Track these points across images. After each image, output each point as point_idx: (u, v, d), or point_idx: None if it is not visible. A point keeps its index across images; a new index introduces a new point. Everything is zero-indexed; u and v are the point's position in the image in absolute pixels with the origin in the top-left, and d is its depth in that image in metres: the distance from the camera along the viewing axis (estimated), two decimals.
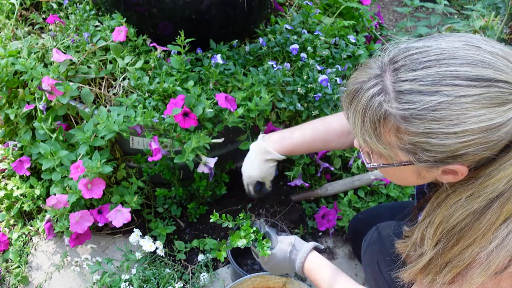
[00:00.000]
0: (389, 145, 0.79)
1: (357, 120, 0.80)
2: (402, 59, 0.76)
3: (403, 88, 0.73)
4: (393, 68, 0.76)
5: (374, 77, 0.78)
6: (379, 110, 0.76)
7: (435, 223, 0.84)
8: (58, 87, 1.51)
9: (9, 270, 1.62)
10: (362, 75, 0.80)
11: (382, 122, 0.76)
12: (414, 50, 0.76)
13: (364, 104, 0.78)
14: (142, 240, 1.57)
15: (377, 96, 0.76)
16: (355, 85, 0.80)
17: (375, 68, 0.79)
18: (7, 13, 1.86)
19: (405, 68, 0.74)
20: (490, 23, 2.53)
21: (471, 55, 0.73)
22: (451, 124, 0.71)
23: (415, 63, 0.74)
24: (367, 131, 0.79)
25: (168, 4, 1.54)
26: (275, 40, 1.72)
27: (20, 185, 1.69)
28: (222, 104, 1.48)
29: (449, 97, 0.70)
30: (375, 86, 0.77)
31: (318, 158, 1.77)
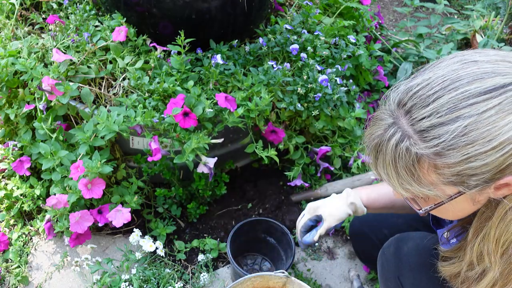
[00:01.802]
0: (433, 185, 0.77)
1: (390, 172, 0.79)
2: (408, 100, 0.75)
3: (424, 127, 0.72)
4: (404, 112, 0.75)
5: (389, 126, 0.76)
6: (409, 155, 0.74)
7: (493, 238, 0.81)
8: (58, 87, 1.51)
9: (9, 270, 1.62)
10: (377, 129, 0.79)
11: (417, 166, 0.75)
12: (416, 87, 0.75)
13: (391, 155, 0.76)
14: (142, 240, 1.58)
15: (402, 143, 0.74)
16: (374, 140, 0.79)
17: (387, 118, 0.77)
18: (7, 13, 1.86)
19: (416, 107, 0.73)
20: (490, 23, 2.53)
21: (473, 71, 0.72)
22: (486, 141, 0.70)
23: (423, 98, 0.73)
24: (405, 179, 0.77)
25: (168, 4, 1.54)
26: (275, 40, 1.72)
27: (20, 185, 1.69)
28: (222, 104, 1.48)
29: (472, 117, 0.69)
30: (395, 134, 0.75)
31: (318, 158, 1.77)
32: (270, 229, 1.61)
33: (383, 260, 1.24)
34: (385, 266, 1.23)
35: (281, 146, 1.69)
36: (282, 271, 1.31)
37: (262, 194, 1.88)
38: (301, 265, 1.69)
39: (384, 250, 1.25)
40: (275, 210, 1.83)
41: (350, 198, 1.27)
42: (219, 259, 1.69)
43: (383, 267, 1.24)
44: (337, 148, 1.79)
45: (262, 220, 1.60)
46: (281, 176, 1.90)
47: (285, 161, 1.88)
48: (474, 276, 0.87)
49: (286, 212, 1.82)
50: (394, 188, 0.82)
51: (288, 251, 1.54)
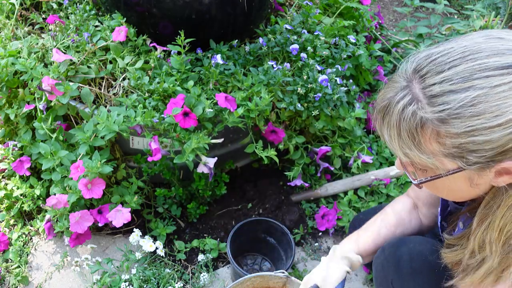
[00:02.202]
0: (433, 154, 0.76)
1: (393, 134, 0.78)
2: (426, 66, 0.75)
3: (434, 92, 0.72)
4: (419, 76, 0.75)
5: (401, 89, 0.76)
6: (414, 119, 0.74)
7: (497, 227, 0.81)
8: (58, 87, 1.51)
9: (9, 270, 1.62)
10: (389, 91, 0.79)
11: (419, 130, 0.74)
12: (436, 55, 0.75)
13: (397, 117, 0.76)
14: (142, 240, 1.58)
15: (409, 106, 0.74)
16: (384, 102, 0.79)
17: (401, 81, 0.77)
18: (7, 13, 1.86)
19: (431, 73, 0.73)
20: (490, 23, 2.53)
21: (496, 46, 0.71)
22: (492, 116, 0.68)
23: (440, 65, 0.73)
24: (406, 143, 0.77)
25: (168, 4, 1.54)
26: (275, 40, 1.72)
27: (20, 185, 1.69)
28: (222, 104, 1.48)
29: (483, 89, 0.69)
30: (405, 97, 0.75)
31: (318, 158, 1.77)
32: (270, 229, 1.61)
33: (377, 264, 1.23)
34: (378, 269, 1.22)
35: (281, 146, 1.69)
36: (282, 271, 1.31)
37: (262, 194, 1.88)
38: (301, 265, 1.69)
39: (379, 254, 1.23)
40: (275, 210, 1.83)
41: (337, 253, 1.18)
42: (219, 259, 1.69)
43: (377, 270, 1.23)
44: (337, 148, 1.79)
45: (262, 220, 1.60)
46: (281, 176, 1.90)
47: (285, 161, 1.88)
48: (474, 264, 0.87)
49: (286, 212, 1.82)
50: (394, 150, 0.82)
51: (288, 251, 1.54)
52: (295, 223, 1.78)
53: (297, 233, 1.75)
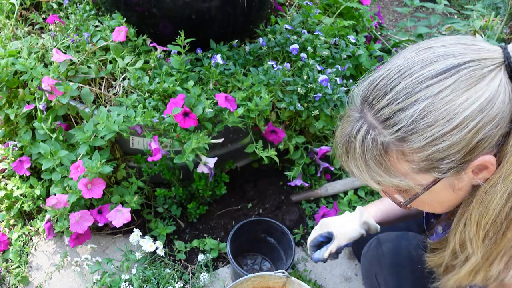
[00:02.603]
0: (404, 175, 0.77)
1: (360, 166, 0.79)
2: (371, 93, 0.76)
3: (385, 115, 0.73)
4: (367, 105, 0.76)
5: (356, 121, 0.78)
6: (375, 146, 0.75)
7: (474, 221, 0.81)
8: (58, 87, 1.51)
9: (9, 270, 1.62)
10: (346, 126, 0.81)
11: (384, 155, 0.76)
12: (376, 80, 0.76)
13: (360, 149, 0.77)
14: (142, 240, 1.58)
15: (368, 135, 0.76)
16: (343, 138, 0.81)
17: (354, 114, 0.79)
18: (7, 13, 1.86)
19: (377, 98, 0.75)
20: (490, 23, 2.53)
21: (426, 56, 0.73)
22: (445, 121, 0.70)
23: (382, 89, 0.74)
24: (375, 171, 0.78)
25: (168, 4, 1.54)
26: (275, 40, 1.72)
27: (20, 185, 1.69)
28: (222, 104, 1.48)
29: (428, 99, 0.70)
30: (361, 127, 0.77)
31: (318, 158, 1.77)
32: (270, 229, 1.61)
33: (364, 259, 1.28)
34: (365, 264, 1.27)
35: (281, 146, 1.69)
36: (282, 271, 1.31)
37: (262, 194, 1.88)
38: (301, 265, 1.69)
39: (366, 249, 1.28)
40: (275, 210, 1.83)
41: (363, 217, 1.24)
42: (219, 259, 1.69)
43: (363, 265, 1.28)
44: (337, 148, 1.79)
45: (262, 220, 1.60)
46: (281, 176, 1.90)
47: (285, 161, 1.88)
48: (458, 264, 0.87)
49: (286, 212, 1.81)
50: (366, 182, 0.83)
51: (288, 251, 1.54)
52: (295, 223, 1.78)
53: (297, 233, 1.75)
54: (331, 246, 1.24)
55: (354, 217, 1.26)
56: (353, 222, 1.24)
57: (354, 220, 1.25)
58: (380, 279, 1.21)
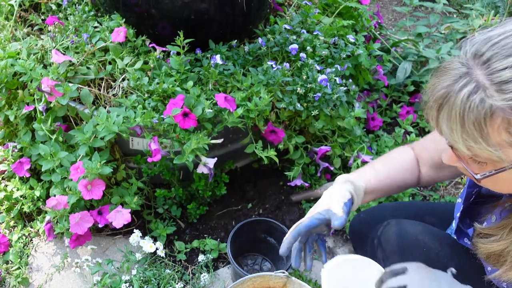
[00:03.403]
0: (499, 145, 0.70)
1: (455, 127, 0.72)
2: (487, 50, 0.69)
3: (504, 77, 0.66)
4: (481, 62, 0.69)
5: (461, 77, 0.70)
6: (482, 108, 0.68)
7: None
8: (58, 88, 1.51)
9: (10, 272, 1.62)
10: (445, 79, 0.73)
11: (488, 120, 0.68)
12: (496, 37, 0.69)
13: (460, 107, 0.70)
14: (142, 241, 1.58)
15: (475, 94, 0.68)
16: (440, 91, 0.72)
17: (458, 68, 0.71)
18: (6, 14, 1.86)
19: (496, 57, 0.68)
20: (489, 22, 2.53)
21: None
22: None
23: (506, 48, 0.67)
24: (471, 135, 0.71)
25: (167, 5, 1.54)
26: (274, 40, 1.72)
27: (20, 186, 1.69)
28: (222, 104, 1.48)
29: None
30: (467, 84, 0.69)
31: (318, 158, 1.77)
32: (270, 229, 1.61)
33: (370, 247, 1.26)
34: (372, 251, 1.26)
35: (280, 146, 1.69)
36: (283, 271, 1.31)
37: (262, 194, 1.88)
38: (301, 265, 1.69)
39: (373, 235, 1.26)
40: (275, 210, 1.83)
41: (339, 179, 1.10)
42: (220, 259, 1.69)
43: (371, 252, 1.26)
44: (337, 148, 1.79)
45: (262, 220, 1.60)
46: (281, 176, 1.90)
47: (285, 161, 1.88)
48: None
49: (286, 212, 1.81)
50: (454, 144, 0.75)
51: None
52: (295, 223, 1.78)
53: None
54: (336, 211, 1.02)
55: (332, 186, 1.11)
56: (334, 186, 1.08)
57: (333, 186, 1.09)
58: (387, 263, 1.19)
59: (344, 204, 1.03)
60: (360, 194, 1.10)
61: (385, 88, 2.24)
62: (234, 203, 1.86)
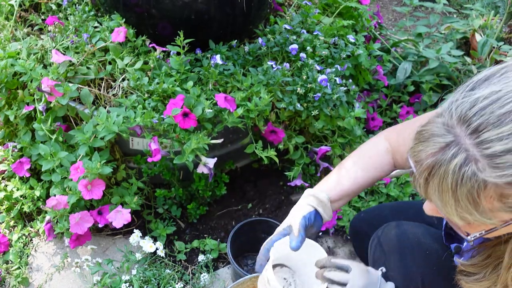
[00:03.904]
0: (492, 212, 0.68)
1: (447, 200, 0.69)
2: (474, 116, 0.64)
3: (496, 151, 0.62)
4: (468, 130, 0.65)
5: (448, 146, 0.66)
6: (475, 181, 0.64)
7: None
8: (58, 88, 1.51)
9: (10, 272, 1.62)
10: (431, 146, 0.68)
11: (482, 193, 0.65)
12: (482, 101, 0.65)
13: (451, 179, 0.66)
14: (142, 240, 1.58)
15: (465, 167, 0.64)
16: (428, 160, 0.68)
17: (444, 134, 0.67)
18: (6, 14, 1.86)
19: (485, 126, 0.63)
20: (489, 22, 2.53)
21: None
22: None
23: (494, 116, 0.63)
24: (465, 208, 0.68)
25: (167, 5, 1.54)
26: (274, 40, 1.72)
27: (20, 186, 1.69)
28: (222, 105, 1.48)
29: None
30: (457, 155, 0.65)
31: (318, 158, 1.77)
32: (270, 229, 1.60)
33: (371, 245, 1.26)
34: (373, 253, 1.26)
35: (281, 146, 1.69)
36: None
37: (262, 194, 1.88)
38: None
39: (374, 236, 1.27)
40: (275, 210, 1.83)
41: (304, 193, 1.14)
42: (220, 259, 1.69)
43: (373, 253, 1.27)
44: (337, 148, 1.79)
45: (262, 220, 1.60)
46: (281, 176, 1.90)
47: (285, 161, 1.88)
48: None
49: (286, 212, 1.81)
50: (447, 215, 0.73)
51: None
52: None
53: None
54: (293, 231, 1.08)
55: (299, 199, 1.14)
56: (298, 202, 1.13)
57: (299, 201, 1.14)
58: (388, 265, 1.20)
59: (302, 218, 1.08)
60: (326, 205, 1.11)
61: (385, 88, 2.24)
62: (234, 203, 1.86)
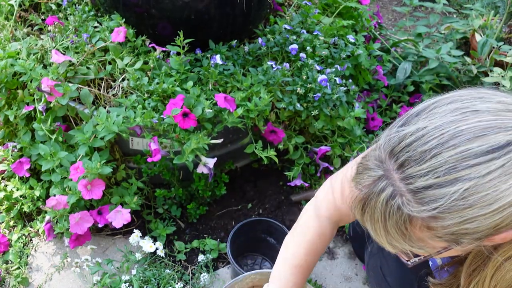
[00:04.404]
0: (423, 242, 0.71)
1: (378, 229, 0.73)
2: (401, 151, 0.68)
3: (419, 186, 0.66)
4: (396, 165, 0.68)
5: (379, 179, 0.70)
6: (400, 214, 0.68)
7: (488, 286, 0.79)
8: (57, 88, 1.51)
9: (9, 272, 1.62)
10: (365, 178, 0.72)
11: (408, 225, 0.69)
12: (409, 137, 0.68)
13: (380, 212, 0.70)
14: (142, 240, 1.58)
15: (392, 200, 0.68)
16: (362, 192, 0.72)
17: (375, 169, 0.71)
18: (6, 14, 1.86)
19: (410, 163, 0.67)
20: (489, 22, 2.53)
21: (473, 125, 0.65)
22: (485, 205, 0.64)
23: (417, 153, 0.66)
24: (395, 238, 0.72)
25: (167, 5, 1.54)
26: (274, 40, 1.72)
27: (20, 186, 1.69)
28: (222, 105, 1.48)
29: (472, 180, 0.63)
30: (385, 189, 0.69)
31: (317, 158, 1.77)
32: (270, 229, 1.61)
33: (368, 253, 1.28)
34: (370, 258, 1.27)
35: (280, 146, 1.69)
36: None
37: (262, 194, 1.88)
38: None
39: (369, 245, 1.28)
40: (275, 210, 1.83)
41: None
42: (219, 259, 1.69)
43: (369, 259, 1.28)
44: (337, 148, 1.79)
45: (262, 220, 1.60)
46: (281, 176, 1.90)
47: (285, 161, 1.88)
48: None
49: (286, 212, 1.82)
50: (380, 243, 0.76)
51: None
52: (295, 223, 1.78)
53: None
54: None
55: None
56: None
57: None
58: (385, 270, 1.21)
59: None
60: None
61: (385, 88, 2.24)
62: (234, 203, 1.86)
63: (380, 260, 1.23)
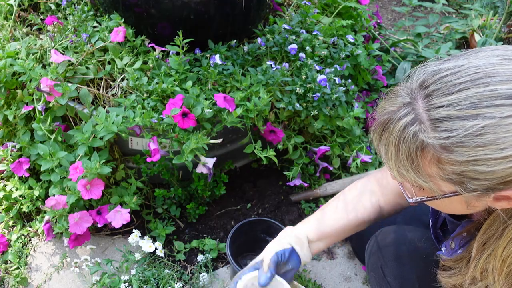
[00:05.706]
0: (430, 177, 0.72)
1: (391, 153, 0.74)
2: (433, 83, 0.69)
3: (439, 115, 0.67)
4: (424, 94, 0.70)
5: (404, 106, 0.71)
6: (414, 141, 0.69)
7: (500, 257, 0.78)
8: (57, 88, 1.51)
9: (8, 272, 1.62)
10: (391, 104, 0.74)
11: (419, 154, 0.70)
12: (444, 72, 0.69)
13: (396, 136, 0.71)
14: (141, 240, 1.57)
15: (411, 126, 0.69)
16: (384, 116, 0.74)
17: (404, 96, 0.72)
18: (5, 14, 1.86)
19: (438, 93, 0.68)
20: (488, 22, 2.54)
21: (509, 70, 0.66)
22: (499, 148, 0.64)
23: (448, 86, 0.67)
24: (403, 164, 0.73)
25: (166, 5, 1.54)
26: (273, 40, 1.72)
27: (19, 186, 1.69)
28: (221, 104, 1.48)
29: (493, 119, 0.64)
30: (407, 115, 0.70)
31: (317, 158, 1.77)
32: (269, 229, 1.61)
33: (368, 252, 1.28)
34: (369, 256, 1.27)
35: (280, 146, 1.69)
36: None
37: (261, 194, 1.88)
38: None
39: (370, 242, 1.28)
40: (274, 210, 1.83)
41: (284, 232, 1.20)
42: (219, 259, 1.69)
43: (369, 258, 1.28)
44: (336, 148, 1.79)
45: (261, 220, 1.60)
46: (280, 176, 1.90)
47: (284, 161, 1.88)
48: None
49: (285, 212, 1.82)
50: (388, 168, 0.78)
51: None
52: (294, 223, 1.78)
53: None
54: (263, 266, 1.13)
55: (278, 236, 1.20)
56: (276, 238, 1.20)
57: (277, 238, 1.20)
58: (386, 270, 1.21)
59: (275, 254, 1.13)
60: (304, 243, 1.16)
61: (384, 88, 2.24)
62: (233, 203, 1.86)
63: (381, 261, 1.23)
